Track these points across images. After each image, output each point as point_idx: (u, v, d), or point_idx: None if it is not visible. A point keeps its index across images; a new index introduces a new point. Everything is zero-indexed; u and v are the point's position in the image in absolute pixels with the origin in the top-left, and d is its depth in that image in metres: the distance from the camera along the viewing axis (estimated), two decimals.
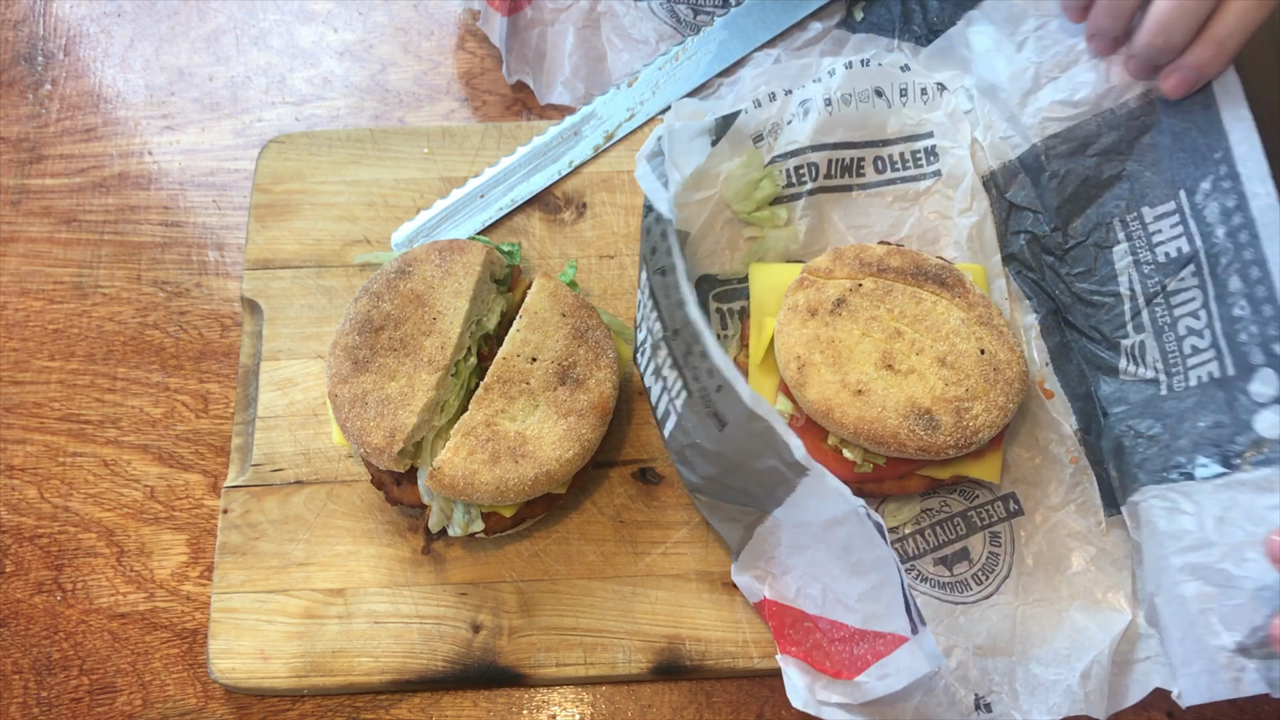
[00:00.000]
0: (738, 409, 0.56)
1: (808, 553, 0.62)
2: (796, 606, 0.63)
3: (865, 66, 0.74)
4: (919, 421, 0.63)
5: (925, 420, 0.63)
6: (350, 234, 0.77)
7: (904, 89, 0.75)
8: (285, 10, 0.88)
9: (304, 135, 0.80)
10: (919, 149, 0.76)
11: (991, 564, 0.69)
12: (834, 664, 0.61)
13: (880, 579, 0.58)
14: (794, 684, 0.62)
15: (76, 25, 0.88)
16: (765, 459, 0.57)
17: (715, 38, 0.83)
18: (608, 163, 0.79)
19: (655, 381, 0.64)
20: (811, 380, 0.65)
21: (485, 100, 0.84)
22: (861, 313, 0.66)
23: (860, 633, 0.60)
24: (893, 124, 0.75)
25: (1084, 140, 0.72)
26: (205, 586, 0.70)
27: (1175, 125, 0.69)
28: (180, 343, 0.77)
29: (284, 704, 0.68)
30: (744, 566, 0.66)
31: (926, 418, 0.63)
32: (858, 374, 0.65)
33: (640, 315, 0.67)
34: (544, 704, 0.67)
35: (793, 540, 0.62)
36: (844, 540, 0.59)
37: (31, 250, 0.79)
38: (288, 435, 0.72)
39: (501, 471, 0.62)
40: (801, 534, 0.61)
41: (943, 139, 0.76)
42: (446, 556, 0.69)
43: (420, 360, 0.64)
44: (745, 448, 0.58)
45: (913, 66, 0.76)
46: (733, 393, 0.56)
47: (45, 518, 0.72)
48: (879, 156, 0.75)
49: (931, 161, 0.76)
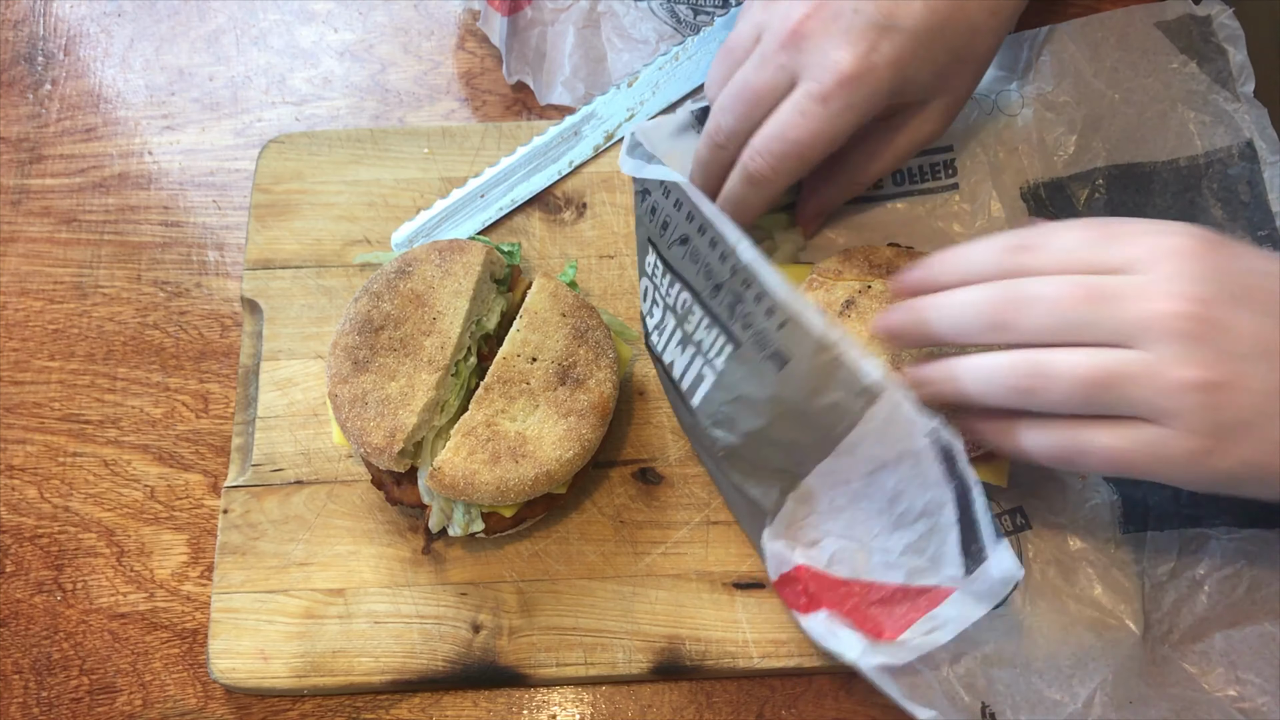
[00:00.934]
0: (805, 342, 0.54)
1: (844, 515, 0.60)
2: (830, 574, 0.62)
3: None
4: None
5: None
6: (350, 234, 0.77)
7: None
8: (285, 10, 0.88)
9: (304, 135, 0.80)
10: (938, 161, 0.75)
11: None
12: (875, 627, 0.59)
13: (929, 526, 0.56)
14: (845, 640, 0.60)
15: (76, 25, 0.88)
16: (829, 394, 0.55)
17: (715, 38, 0.83)
18: (608, 163, 0.79)
19: (683, 355, 0.63)
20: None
21: (485, 100, 0.84)
22: (870, 314, 0.66)
23: (901, 590, 0.58)
24: None
25: (1144, 178, 0.73)
26: (205, 586, 0.70)
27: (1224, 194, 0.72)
28: (180, 343, 0.77)
29: (284, 704, 0.68)
30: (776, 533, 0.64)
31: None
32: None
33: (649, 303, 0.66)
34: (544, 704, 0.67)
35: (828, 504, 0.61)
36: (892, 489, 0.57)
37: (31, 250, 0.79)
38: (288, 435, 0.72)
39: (502, 471, 0.63)
40: (839, 495, 0.59)
41: (962, 152, 0.75)
42: (446, 556, 0.69)
43: (420, 360, 0.64)
44: (807, 384, 0.55)
45: None
46: (799, 326, 0.54)
47: (45, 518, 0.72)
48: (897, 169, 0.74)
49: (950, 174, 0.75)
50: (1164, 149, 0.75)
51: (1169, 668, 0.65)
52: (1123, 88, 0.76)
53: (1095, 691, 0.64)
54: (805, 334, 0.54)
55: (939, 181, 0.75)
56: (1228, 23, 0.76)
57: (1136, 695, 0.64)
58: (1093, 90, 0.76)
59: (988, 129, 0.76)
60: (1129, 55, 0.77)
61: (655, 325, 0.66)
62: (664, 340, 0.65)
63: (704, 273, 0.59)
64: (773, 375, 0.57)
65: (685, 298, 0.62)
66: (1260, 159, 0.73)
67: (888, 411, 0.54)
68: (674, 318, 0.63)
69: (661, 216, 0.62)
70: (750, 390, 0.59)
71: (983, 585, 0.54)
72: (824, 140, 0.61)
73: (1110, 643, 0.65)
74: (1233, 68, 0.75)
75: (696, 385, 0.63)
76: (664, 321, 0.65)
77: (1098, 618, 0.66)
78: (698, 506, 0.70)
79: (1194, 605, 0.66)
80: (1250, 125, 0.74)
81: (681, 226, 0.60)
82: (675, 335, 0.64)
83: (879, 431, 0.55)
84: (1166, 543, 0.67)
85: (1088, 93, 0.76)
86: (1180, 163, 0.74)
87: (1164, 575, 0.67)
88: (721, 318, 0.59)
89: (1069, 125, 0.76)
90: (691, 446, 0.71)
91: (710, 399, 0.62)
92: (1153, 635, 0.66)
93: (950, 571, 0.56)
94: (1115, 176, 0.75)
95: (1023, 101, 0.76)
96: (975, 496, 0.54)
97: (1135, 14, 0.77)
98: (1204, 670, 0.65)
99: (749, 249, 0.56)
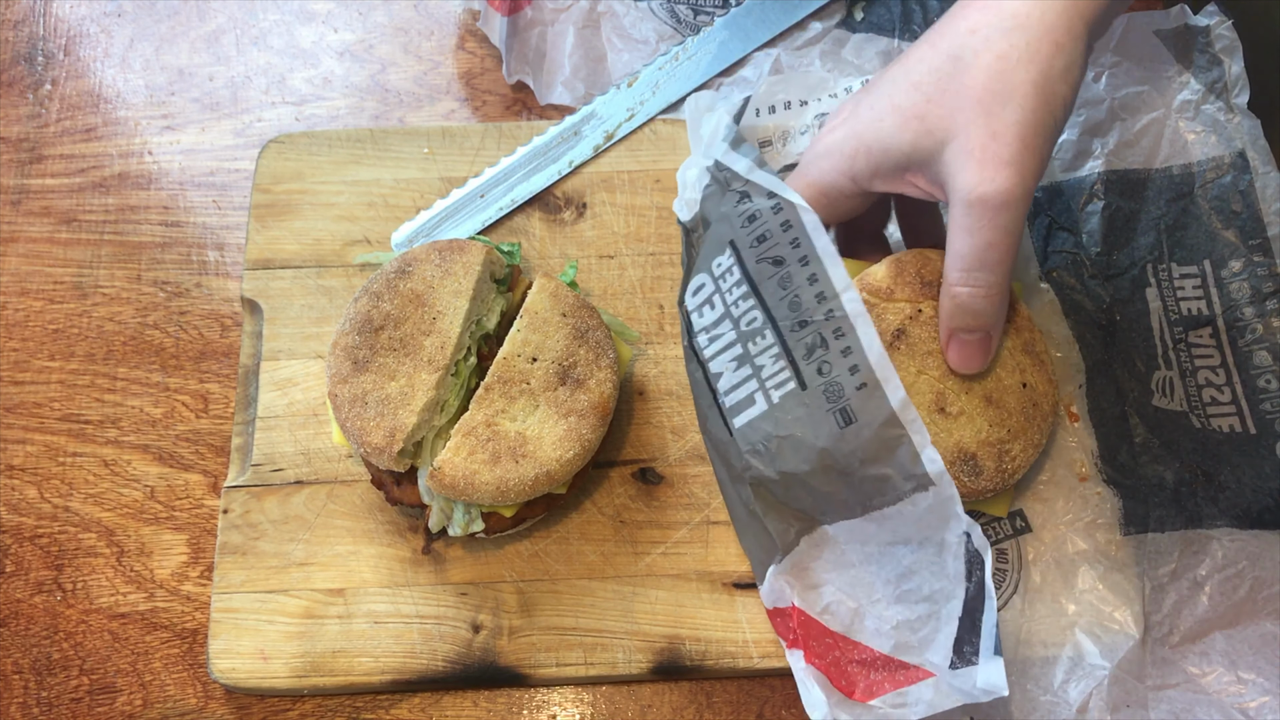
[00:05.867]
0: (878, 411, 0.54)
1: (851, 571, 0.61)
2: (820, 621, 0.62)
3: None
4: (963, 468, 0.62)
5: (970, 466, 0.62)
6: (350, 234, 0.77)
7: None
8: (285, 10, 0.88)
9: (304, 135, 0.80)
10: None
11: (997, 580, 0.68)
12: (849, 684, 0.60)
13: (930, 611, 0.57)
14: (814, 697, 0.61)
15: (76, 25, 0.88)
16: (881, 466, 0.55)
17: (715, 38, 0.83)
18: (608, 163, 0.79)
19: (735, 370, 0.62)
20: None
21: (485, 100, 0.84)
22: (920, 346, 0.63)
23: (883, 659, 0.59)
24: None
25: (1138, 184, 0.74)
26: (205, 586, 0.70)
27: (1217, 203, 0.73)
28: (180, 343, 0.77)
29: (284, 704, 0.68)
30: (782, 570, 0.64)
31: (971, 463, 0.62)
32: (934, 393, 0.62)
33: (703, 301, 0.64)
34: (544, 704, 0.67)
35: (838, 557, 0.61)
36: (907, 565, 0.57)
37: (31, 250, 0.79)
38: (288, 435, 0.72)
39: (502, 471, 0.62)
40: (853, 551, 0.60)
41: None
42: (446, 556, 0.69)
43: (420, 360, 0.64)
44: (865, 450, 0.56)
45: None
46: (879, 395, 0.54)
47: (45, 518, 0.72)
48: None
49: None
50: (1158, 156, 0.75)
51: (1169, 669, 0.65)
52: (1120, 93, 0.76)
53: (1090, 695, 0.63)
54: (882, 404, 0.54)
55: None
56: (1226, 34, 0.76)
57: (1135, 698, 0.64)
58: (1091, 95, 0.76)
59: None
60: (1127, 62, 0.77)
61: (704, 327, 0.64)
62: (714, 347, 0.64)
63: (790, 303, 0.58)
64: (833, 429, 0.56)
65: (756, 317, 0.60)
66: (1253, 169, 0.74)
67: (934, 502, 0.55)
68: (734, 330, 0.62)
69: (760, 227, 0.60)
70: (803, 434, 0.58)
71: (964, 684, 0.55)
72: None
73: (1108, 646, 0.65)
74: (1228, 79, 0.75)
75: (743, 407, 0.62)
76: (719, 328, 0.63)
77: (1096, 620, 0.66)
78: (698, 506, 0.70)
79: (1195, 606, 0.66)
80: (1244, 136, 0.74)
81: (781, 248, 0.59)
82: (732, 348, 0.62)
83: (918, 515, 0.56)
84: (1168, 544, 0.67)
85: (1086, 97, 0.76)
86: (1174, 170, 0.75)
87: (1165, 577, 0.67)
88: (795, 354, 0.58)
89: (1068, 128, 0.76)
90: (703, 443, 0.71)
91: (755, 427, 0.61)
92: (1153, 637, 0.66)
93: (936, 659, 0.57)
94: (1112, 181, 0.75)
95: None
96: (988, 609, 0.54)
97: (1135, 21, 0.77)
98: (1204, 671, 0.65)
99: (855, 301, 0.55)
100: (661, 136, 0.80)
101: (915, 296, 0.64)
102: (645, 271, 0.76)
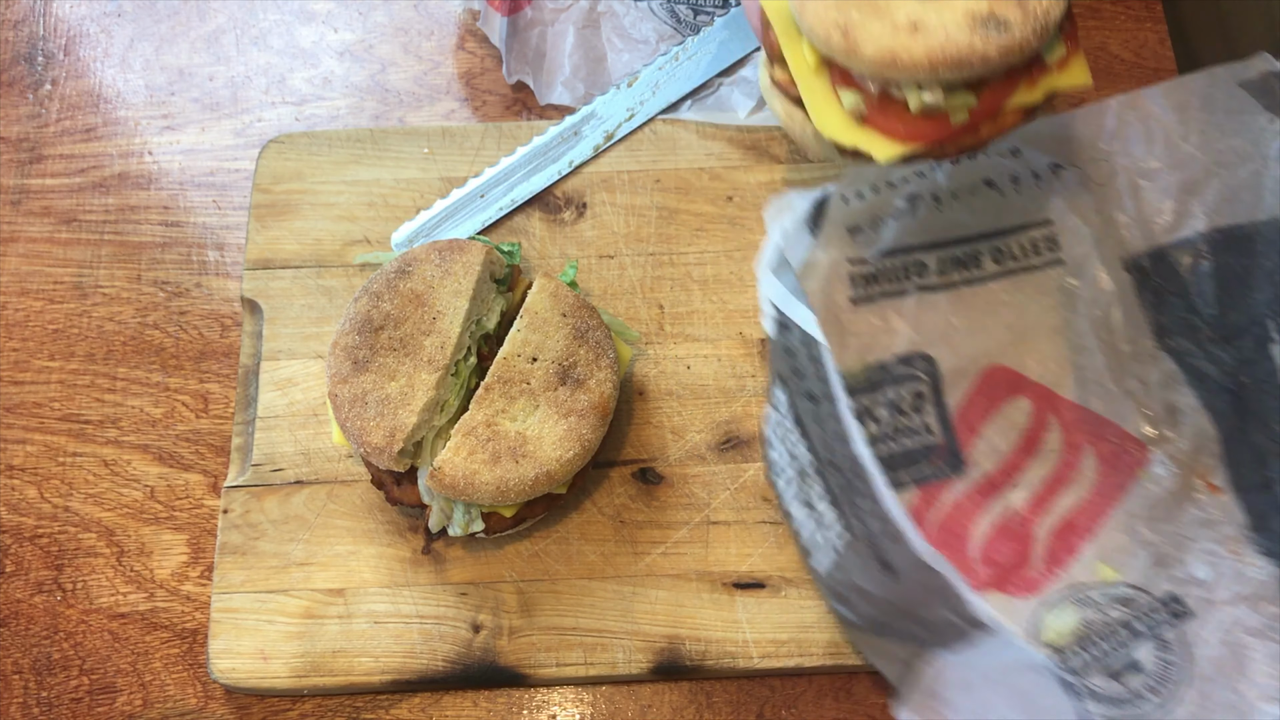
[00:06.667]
0: (912, 558, 0.53)
1: (977, 692, 0.59)
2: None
3: (972, 159, 0.71)
4: (988, 27, 0.58)
5: (993, 23, 0.58)
6: (350, 234, 0.77)
7: (1015, 175, 0.71)
8: (285, 10, 0.88)
9: (304, 135, 0.80)
10: (1038, 237, 0.72)
11: (1165, 672, 0.64)
12: None
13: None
14: None
15: (76, 25, 0.88)
16: (938, 609, 0.54)
17: (715, 38, 0.83)
18: (608, 163, 0.79)
19: (803, 511, 0.61)
20: (863, 38, 0.58)
21: (485, 100, 0.84)
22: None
23: None
24: (1008, 214, 0.71)
25: (1246, 239, 0.71)
26: (205, 586, 0.70)
27: None
28: (180, 343, 0.77)
29: (284, 704, 0.68)
30: (905, 700, 0.61)
31: (992, 21, 0.58)
32: (904, 12, 0.59)
33: (776, 431, 0.63)
34: (544, 704, 0.67)
35: (961, 678, 0.59)
36: (1024, 689, 0.56)
37: (31, 250, 0.80)
38: (288, 435, 0.72)
39: (502, 471, 0.63)
40: (971, 672, 0.58)
41: (1062, 223, 0.72)
42: (446, 556, 0.69)
43: (420, 360, 0.64)
44: (917, 598, 0.55)
45: (1023, 151, 0.72)
46: (905, 542, 0.53)
47: (45, 518, 0.72)
48: (997, 248, 0.72)
49: (1053, 249, 0.72)
50: (1263, 207, 0.72)
51: None
52: (1213, 149, 0.73)
53: None
54: (912, 552, 0.53)
55: (1041, 258, 0.72)
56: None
57: None
58: (1183, 154, 0.73)
59: (1082, 200, 0.73)
60: (1215, 116, 0.73)
61: (775, 462, 0.64)
62: (785, 485, 0.63)
63: (823, 443, 0.58)
64: (883, 579, 0.56)
65: (806, 456, 0.60)
66: None
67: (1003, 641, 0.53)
68: (795, 469, 0.62)
69: (799, 362, 0.60)
70: (867, 585, 0.58)
71: None
72: None
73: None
74: None
75: (816, 550, 0.61)
76: (784, 464, 0.63)
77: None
78: (698, 506, 0.70)
79: None
80: None
81: (814, 383, 0.58)
82: (795, 486, 0.62)
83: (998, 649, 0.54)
84: None
85: (1179, 157, 0.73)
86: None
87: None
88: (838, 499, 0.58)
89: (1163, 191, 0.72)
90: (701, 444, 0.71)
91: (831, 576, 0.60)
92: None
93: None
94: (1218, 240, 0.72)
95: (1113, 170, 0.74)
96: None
97: (1217, 75, 0.74)
98: None
99: (862, 445, 0.54)
100: (661, 136, 0.80)
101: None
102: (645, 271, 0.76)
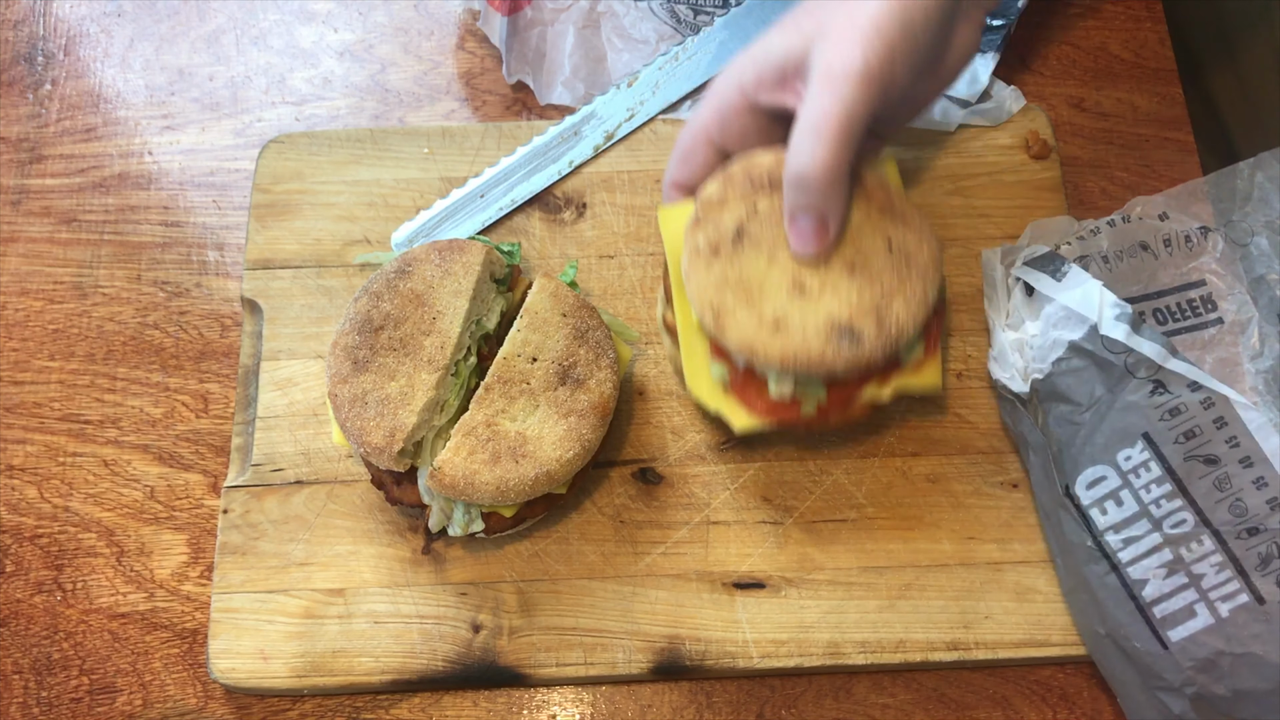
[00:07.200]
0: None
1: None
2: None
3: (1126, 223, 0.71)
4: (841, 338, 0.60)
5: (847, 335, 0.60)
6: (350, 234, 0.77)
7: (1167, 239, 0.71)
8: (285, 10, 0.88)
9: (304, 135, 0.80)
10: (1194, 297, 0.72)
11: None
12: None
13: None
14: None
15: (76, 25, 0.88)
16: None
17: (715, 38, 0.83)
18: (608, 163, 0.79)
19: (1164, 577, 0.60)
20: (729, 325, 0.60)
21: (485, 100, 0.84)
22: (764, 240, 0.62)
23: None
24: (1163, 275, 0.71)
25: None
26: (205, 586, 0.70)
27: None
28: (180, 343, 0.77)
29: (284, 704, 0.68)
30: None
31: (848, 332, 0.60)
32: (772, 306, 0.60)
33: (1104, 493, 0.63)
34: (544, 704, 0.67)
35: None
36: None
37: (31, 250, 0.79)
38: (288, 435, 0.72)
39: (502, 471, 0.63)
40: None
41: (1217, 284, 0.72)
42: (446, 556, 0.69)
43: (420, 360, 0.64)
44: None
45: (1170, 214, 0.72)
46: None
47: (45, 518, 0.72)
48: (1157, 309, 0.71)
49: (1211, 309, 0.71)
50: None
51: None
52: None
53: None
54: None
55: (1200, 318, 0.71)
56: None
57: None
58: None
59: (1231, 260, 0.72)
60: None
61: (1112, 525, 0.63)
62: (1131, 551, 0.62)
63: (1232, 507, 0.57)
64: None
65: (1185, 519, 0.59)
66: None
67: None
68: (1157, 533, 0.60)
69: (1187, 423, 0.59)
70: (1264, 652, 0.57)
71: None
72: None
73: None
74: None
75: (1182, 619, 0.60)
76: (1133, 528, 0.62)
77: None
78: (698, 506, 0.70)
79: None
80: None
81: (1215, 446, 0.58)
82: (1157, 553, 0.61)
83: None
84: None
85: None
86: None
87: None
88: (1244, 564, 0.57)
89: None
90: (704, 446, 0.70)
91: (1200, 642, 0.59)
92: None
93: None
94: None
95: (1251, 231, 0.75)
96: None
97: None
98: None
99: None
100: (661, 136, 0.80)
101: (747, 196, 0.63)
102: (645, 271, 0.76)
